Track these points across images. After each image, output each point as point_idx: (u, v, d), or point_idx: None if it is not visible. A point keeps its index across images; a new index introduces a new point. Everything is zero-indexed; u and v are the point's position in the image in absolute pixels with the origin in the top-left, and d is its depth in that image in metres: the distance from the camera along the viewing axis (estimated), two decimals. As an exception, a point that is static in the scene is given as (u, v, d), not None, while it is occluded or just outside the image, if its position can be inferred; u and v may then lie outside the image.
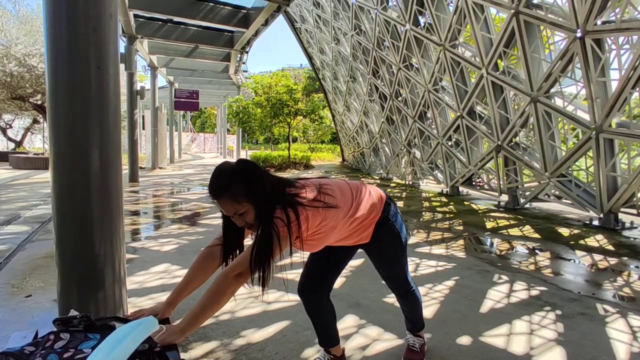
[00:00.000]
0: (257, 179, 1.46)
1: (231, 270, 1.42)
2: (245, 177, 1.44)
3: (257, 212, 1.45)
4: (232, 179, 1.43)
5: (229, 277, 1.40)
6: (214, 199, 1.44)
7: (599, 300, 3.09)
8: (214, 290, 1.38)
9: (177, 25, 12.32)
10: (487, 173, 8.60)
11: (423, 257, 4.20)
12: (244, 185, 1.42)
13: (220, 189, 1.43)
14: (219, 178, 1.44)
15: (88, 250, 1.92)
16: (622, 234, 5.49)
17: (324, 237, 1.66)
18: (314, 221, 1.55)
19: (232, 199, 1.42)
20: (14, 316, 2.63)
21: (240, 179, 1.43)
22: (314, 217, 1.54)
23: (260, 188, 1.45)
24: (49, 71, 1.88)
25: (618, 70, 5.21)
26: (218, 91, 24.58)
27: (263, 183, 1.47)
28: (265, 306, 2.85)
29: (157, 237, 4.94)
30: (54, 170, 1.91)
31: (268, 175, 1.55)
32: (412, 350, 2.17)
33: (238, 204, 1.43)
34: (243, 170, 1.46)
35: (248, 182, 1.43)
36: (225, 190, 1.42)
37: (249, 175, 1.45)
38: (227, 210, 1.46)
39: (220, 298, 1.38)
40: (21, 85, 14.01)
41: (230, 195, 1.41)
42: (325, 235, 1.65)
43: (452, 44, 7.88)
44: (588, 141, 5.75)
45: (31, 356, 1.09)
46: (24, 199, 7.62)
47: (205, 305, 1.35)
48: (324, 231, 1.63)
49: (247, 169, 1.47)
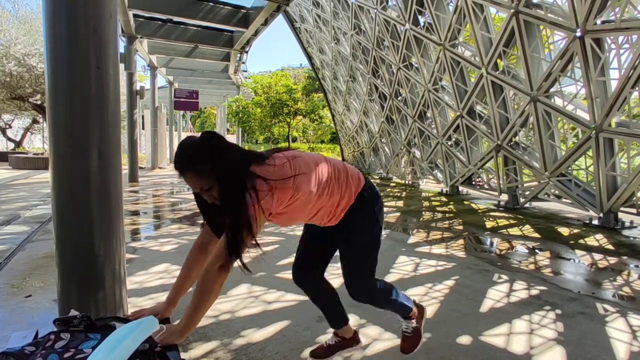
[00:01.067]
0: (222, 152, 1.40)
1: (212, 264, 1.38)
2: (209, 151, 1.38)
3: (221, 189, 1.39)
4: (196, 153, 1.38)
5: (213, 271, 1.37)
6: (179, 174, 1.40)
7: (598, 300, 3.09)
8: (201, 287, 1.37)
9: (176, 25, 12.30)
10: (487, 172, 8.60)
11: (423, 256, 4.20)
12: (208, 159, 1.37)
13: (184, 163, 1.38)
14: (182, 152, 1.40)
15: (88, 250, 1.92)
16: (621, 233, 5.50)
17: (295, 212, 1.60)
18: (284, 196, 1.50)
19: (196, 174, 1.38)
20: (13, 316, 2.63)
21: (203, 153, 1.38)
22: (284, 192, 1.48)
23: (225, 162, 1.39)
24: (49, 71, 1.88)
25: (618, 69, 5.21)
26: (218, 91, 24.51)
27: (229, 157, 1.41)
28: (265, 306, 2.85)
29: (157, 236, 4.94)
30: (54, 170, 1.91)
31: (236, 149, 1.49)
32: (405, 336, 2.07)
33: (202, 179, 1.38)
34: (207, 144, 1.40)
35: (212, 155, 1.38)
36: (188, 164, 1.38)
37: (213, 148, 1.40)
38: (193, 185, 1.41)
39: (210, 294, 1.37)
40: (20, 85, 14.00)
41: (194, 170, 1.37)
42: (295, 210, 1.60)
43: (452, 43, 7.88)
44: (588, 140, 5.76)
45: (31, 356, 1.09)
46: (23, 199, 7.61)
47: (197, 305, 1.35)
48: (295, 206, 1.57)
49: (211, 142, 1.41)
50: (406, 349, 2.09)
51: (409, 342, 2.07)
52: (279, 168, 1.51)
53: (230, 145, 1.47)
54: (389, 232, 5.32)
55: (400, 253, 4.28)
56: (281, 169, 1.51)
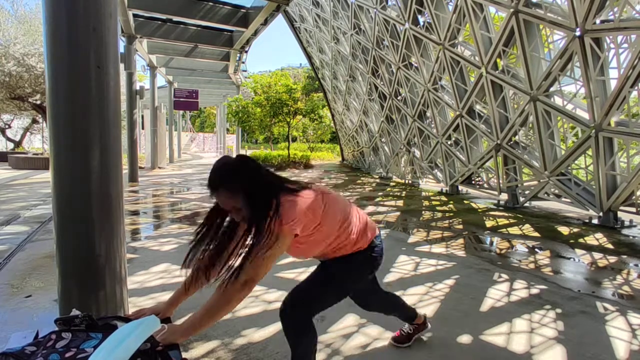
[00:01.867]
0: (256, 175, 1.47)
1: (237, 278, 1.38)
2: (244, 172, 1.45)
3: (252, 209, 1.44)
4: (231, 173, 1.44)
5: (237, 285, 1.37)
6: (212, 192, 1.45)
7: (598, 299, 3.10)
8: (220, 297, 1.36)
9: (176, 24, 12.30)
10: (487, 172, 8.60)
11: (423, 255, 4.20)
12: (243, 180, 1.44)
13: (219, 182, 1.44)
14: (218, 171, 1.45)
15: (89, 250, 1.92)
16: (621, 232, 5.50)
17: (315, 242, 1.62)
18: (312, 221, 1.54)
19: (229, 193, 1.43)
20: (13, 317, 2.63)
21: (239, 174, 1.44)
22: (313, 215, 1.53)
23: (258, 184, 1.46)
24: (49, 71, 1.88)
25: (617, 68, 5.21)
26: (217, 91, 24.55)
27: (262, 179, 1.48)
28: (265, 305, 2.85)
29: (157, 236, 4.94)
30: (55, 170, 1.91)
31: (267, 172, 1.56)
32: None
33: (235, 198, 1.43)
34: (243, 165, 1.47)
35: (247, 177, 1.45)
36: (223, 183, 1.44)
37: (248, 170, 1.46)
38: (225, 204, 1.47)
39: (227, 305, 1.38)
40: (20, 85, 13.97)
41: (228, 188, 1.43)
42: (316, 240, 1.62)
43: (452, 43, 7.88)
44: (587, 140, 5.76)
45: (32, 356, 1.09)
46: (23, 199, 7.61)
47: (210, 311, 1.34)
48: (317, 236, 1.60)
49: (247, 164, 1.48)
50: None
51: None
52: (310, 195, 1.56)
53: (263, 169, 1.54)
54: (389, 232, 5.32)
55: (401, 252, 4.28)
56: (312, 195, 1.57)
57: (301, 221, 1.47)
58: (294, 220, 1.44)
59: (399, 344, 2.28)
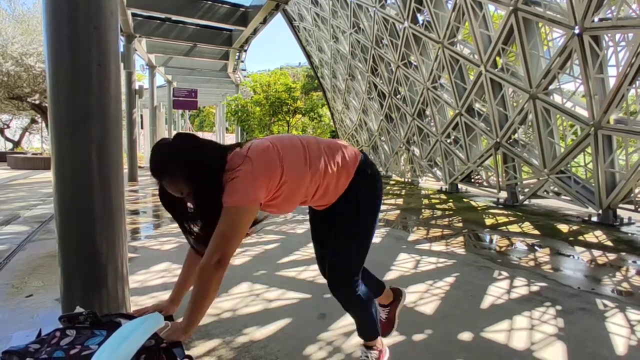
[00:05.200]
0: (196, 156, 1.38)
1: (208, 260, 1.34)
2: (182, 157, 1.37)
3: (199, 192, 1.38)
4: (169, 160, 1.37)
5: (209, 268, 1.33)
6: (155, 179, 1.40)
7: (598, 295, 3.11)
8: (198, 285, 1.34)
9: (175, 24, 12.29)
10: (486, 170, 8.62)
11: (423, 253, 4.21)
12: (183, 166, 1.36)
13: (158, 172, 1.38)
14: (154, 159, 1.39)
15: (91, 249, 1.93)
16: (620, 229, 5.52)
17: (288, 196, 1.52)
18: (272, 183, 1.44)
19: (172, 181, 1.37)
20: (14, 316, 2.63)
21: (177, 160, 1.36)
22: (268, 177, 1.43)
23: (200, 166, 1.37)
24: (50, 69, 1.88)
25: (615, 66, 5.23)
26: (217, 90, 24.53)
27: (203, 159, 1.39)
28: (266, 304, 2.86)
29: (157, 235, 4.94)
30: (56, 168, 1.91)
31: (209, 146, 1.47)
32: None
33: (180, 184, 1.37)
34: (179, 149, 1.39)
35: (186, 161, 1.36)
36: (163, 172, 1.37)
37: (186, 153, 1.38)
38: (172, 192, 1.40)
39: (208, 291, 1.34)
40: (18, 84, 13.95)
41: (169, 177, 1.37)
42: (288, 195, 1.52)
43: (451, 41, 7.88)
44: (587, 137, 5.77)
45: (36, 354, 1.10)
46: (23, 198, 7.60)
47: (196, 303, 1.33)
48: (287, 190, 1.50)
49: (183, 147, 1.40)
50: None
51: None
52: (262, 152, 1.46)
53: (204, 143, 1.45)
54: (389, 230, 5.33)
55: (401, 250, 4.28)
56: (266, 153, 1.46)
57: (256, 190, 1.38)
58: (247, 194, 1.36)
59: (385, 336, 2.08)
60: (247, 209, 1.37)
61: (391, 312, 2.09)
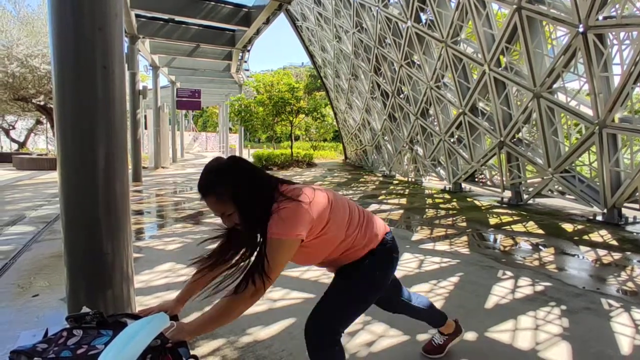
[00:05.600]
0: (248, 178, 1.37)
1: (244, 290, 1.30)
2: (232, 177, 1.35)
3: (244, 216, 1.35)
4: (218, 178, 1.35)
5: (245, 298, 1.30)
6: (202, 196, 1.38)
7: (603, 295, 3.10)
8: (227, 309, 1.30)
9: (178, 24, 12.34)
10: (490, 169, 8.59)
11: (427, 253, 4.21)
12: (232, 184, 1.34)
13: (205, 187, 1.36)
14: (205, 175, 1.37)
15: (96, 249, 1.94)
16: (625, 229, 5.49)
17: (322, 245, 1.50)
18: (319, 224, 1.42)
19: (217, 198, 1.35)
20: (20, 316, 2.66)
21: (227, 177, 1.35)
22: (319, 217, 1.41)
23: (250, 188, 1.36)
24: (55, 71, 1.89)
25: (620, 65, 5.20)
26: (220, 90, 24.60)
27: (255, 183, 1.38)
28: (271, 304, 2.86)
29: (161, 236, 4.96)
30: (62, 169, 1.93)
31: (262, 173, 1.46)
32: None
33: (224, 204, 1.35)
34: (233, 168, 1.38)
35: (235, 182, 1.34)
36: (210, 189, 1.35)
37: (238, 172, 1.37)
38: (214, 209, 1.38)
39: (232, 313, 1.32)
40: (23, 86, 14.03)
41: (215, 194, 1.35)
42: (323, 243, 1.50)
43: (454, 40, 7.86)
44: (591, 136, 5.74)
45: (44, 353, 1.11)
46: (28, 199, 7.65)
47: (215, 318, 1.30)
48: (324, 238, 1.48)
49: (235, 168, 1.38)
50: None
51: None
52: (320, 194, 1.46)
53: (257, 171, 1.44)
54: (392, 229, 5.31)
55: (405, 250, 4.28)
56: (322, 195, 1.46)
57: (304, 227, 1.35)
58: (293, 228, 1.33)
59: (429, 355, 2.16)
60: (292, 243, 1.34)
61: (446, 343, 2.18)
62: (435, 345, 2.16)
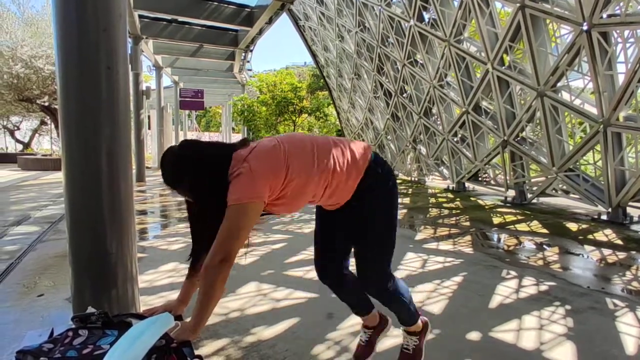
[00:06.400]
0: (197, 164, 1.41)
1: (212, 258, 1.33)
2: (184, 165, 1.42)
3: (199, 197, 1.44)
4: (177, 170, 1.43)
5: (214, 266, 1.32)
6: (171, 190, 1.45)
7: (608, 295, 3.08)
8: (204, 284, 1.34)
9: (181, 25, 12.37)
10: (494, 168, 8.56)
11: (431, 253, 4.20)
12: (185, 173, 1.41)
13: (169, 181, 1.45)
14: (164, 170, 1.45)
15: (101, 249, 1.95)
16: (630, 228, 5.46)
17: (294, 195, 1.50)
18: (275, 181, 1.43)
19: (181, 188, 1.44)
20: (26, 316, 2.67)
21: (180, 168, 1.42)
22: (273, 174, 1.42)
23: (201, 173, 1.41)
24: (60, 72, 1.90)
25: (624, 63, 5.17)
26: (223, 90, 24.64)
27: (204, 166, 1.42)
28: (274, 303, 2.87)
29: (165, 235, 4.98)
30: (66, 170, 1.94)
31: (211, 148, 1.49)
32: (405, 353, 1.90)
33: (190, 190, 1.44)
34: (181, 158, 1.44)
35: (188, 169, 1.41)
36: (174, 182, 1.44)
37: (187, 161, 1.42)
38: (187, 197, 1.48)
39: (214, 290, 1.33)
40: (28, 87, 14.11)
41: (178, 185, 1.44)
42: (294, 194, 1.50)
43: (457, 39, 7.84)
44: (596, 135, 5.71)
45: (50, 353, 1.11)
46: (33, 199, 7.70)
47: (203, 303, 1.33)
48: (293, 189, 1.48)
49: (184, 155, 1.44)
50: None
51: None
52: (269, 150, 1.46)
53: (206, 146, 1.49)
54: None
55: (408, 250, 4.28)
56: (271, 151, 1.46)
57: (257, 188, 1.37)
58: (248, 192, 1.36)
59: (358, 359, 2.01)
60: (249, 207, 1.36)
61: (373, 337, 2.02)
62: (363, 344, 2.01)
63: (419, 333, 1.91)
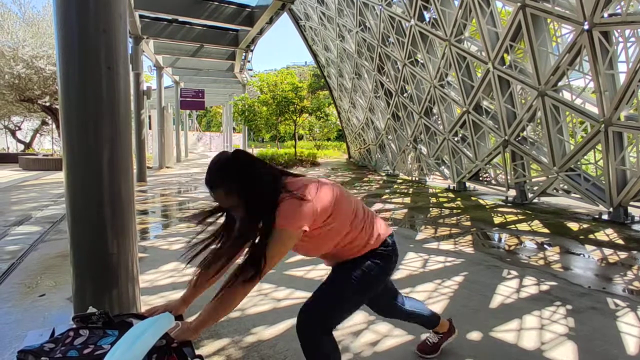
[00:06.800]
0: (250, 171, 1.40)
1: (244, 274, 1.35)
2: (236, 169, 1.39)
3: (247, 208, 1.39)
4: (223, 170, 1.39)
5: (241, 282, 1.35)
6: (210, 191, 1.42)
7: (609, 295, 3.08)
8: (226, 295, 1.35)
9: (182, 25, 12.37)
10: (494, 168, 8.56)
11: (431, 252, 4.20)
12: (235, 177, 1.38)
13: (212, 180, 1.40)
14: (211, 169, 1.41)
15: (102, 249, 1.95)
16: (631, 227, 5.45)
17: (323, 238, 1.53)
18: (321, 216, 1.45)
19: (224, 192, 1.39)
20: (27, 315, 2.68)
21: (231, 171, 1.39)
22: (322, 209, 1.44)
23: (253, 181, 1.39)
24: (61, 72, 1.91)
25: (625, 62, 5.16)
26: (223, 90, 24.66)
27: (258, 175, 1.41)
28: (275, 303, 2.87)
29: (166, 235, 4.98)
30: (67, 170, 1.94)
31: (266, 166, 1.49)
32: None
33: (231, 197, 1.39)
34: (235, 161, 1.41)
35: (240, 174, 1.38)
36: (217, 182, 1.39)
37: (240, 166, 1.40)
38: (222, 203, 1.43)
39: (233, 303, 1.37)
40: (29, 87, 14.13)
41: (222, 187, 1.38)
42: (325, 236, 1.53)
43: (458, 38, 7.83)
44: (597, 134, 5.70)
45: (51, 353, 1.12)
46: (34, 199, 7.71)
47: (217, 309, 1.34)
48: (326, 231, 1.51)
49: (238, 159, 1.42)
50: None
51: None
52: (325, 186, 1.50)
53: (263, 163, 1.49)
54: (396, 229, 5.32)
55: (409, 249, 4.28)
56: (327, 188, 1.50)
57: (307, 219, 1.39)
58: (296, 219, 1.37)
59: (423, 355, 2.16)
60: (293, 234, 1.39)
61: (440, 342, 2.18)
62: (430, 345, 2.17)
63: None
